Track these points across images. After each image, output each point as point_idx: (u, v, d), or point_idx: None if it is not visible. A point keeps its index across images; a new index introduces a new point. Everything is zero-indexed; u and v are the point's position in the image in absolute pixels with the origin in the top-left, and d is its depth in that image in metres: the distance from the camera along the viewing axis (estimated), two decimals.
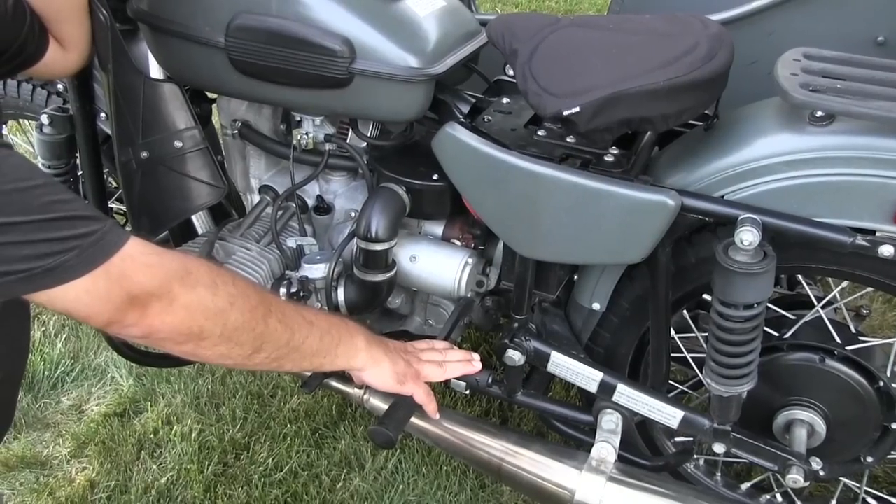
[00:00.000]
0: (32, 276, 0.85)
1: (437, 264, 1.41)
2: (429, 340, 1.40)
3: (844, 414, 1.35)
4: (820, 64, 1.19)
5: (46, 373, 2.07)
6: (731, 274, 1.13)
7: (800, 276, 1.43)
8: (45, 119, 1.67)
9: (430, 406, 1.34)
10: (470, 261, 1.42)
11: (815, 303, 1.36)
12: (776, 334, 1.38)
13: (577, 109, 1.11)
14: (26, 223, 0.84)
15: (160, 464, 1.82)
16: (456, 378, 1.40)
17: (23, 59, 1.24)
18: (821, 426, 1.36)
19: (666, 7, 2.01)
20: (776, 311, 1.42)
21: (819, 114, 1.12)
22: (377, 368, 1.27)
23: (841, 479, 1.48)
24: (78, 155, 1.66)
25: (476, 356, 1.39)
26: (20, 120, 2.10)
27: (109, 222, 0.92)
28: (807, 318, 1.37)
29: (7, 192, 0.83)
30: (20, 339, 1.19)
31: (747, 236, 1.12)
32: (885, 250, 1.11)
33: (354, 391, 1.57)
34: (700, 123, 1.30)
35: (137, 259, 0.94)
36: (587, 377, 1.37)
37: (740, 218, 1.14)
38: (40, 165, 1.72)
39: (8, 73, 1.32)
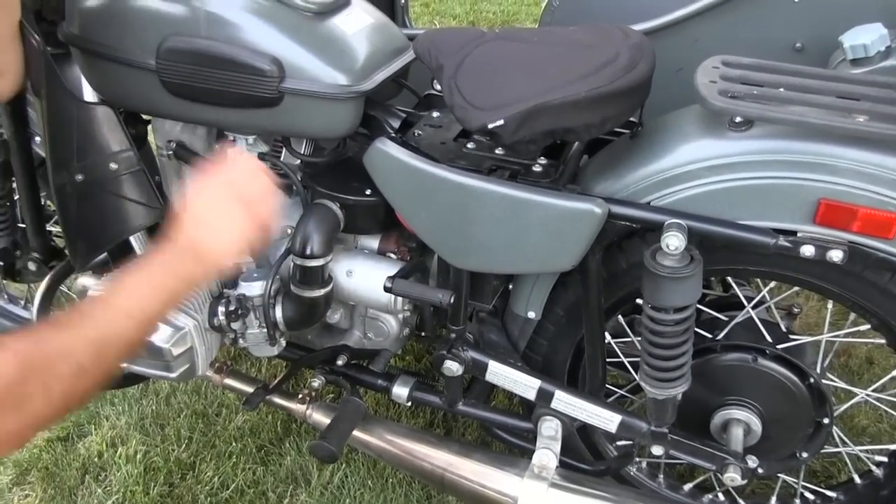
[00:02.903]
0: None
1: (373, 278, 1.42)
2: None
3: (779, 411, 1.39)
4: (738, 71, 1.22)
5: None
6: (659, 278, 1.16)
7: (730, 278, 1.46)
8: None
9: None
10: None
11: (745, 303, 1.40)
12: (710, 336, 1.41)
13: (501, 122, 1.13)
14: None
15: (105, 487, 1.79)
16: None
17: None
18: (756, 424, 1.39)
19: (594, 17, 2.06)
20: (710, 313, 1.46)
21: (738, 119, 1.15)
22: (221, 248, 1.05)
23: (779, 475, 1.52)
24: (14, 179, 1.65)
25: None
26: None
27: None
28: (738, 319, 1.40)
29: None
30: None
31: (673, 241, 1.15)
32: (807, 250, 1.15)
33: (297, 406, 1.57)
34: (627, 131, 1.33)
35: None
36: (525, 385, 1.38)
37: (666, 223, 1.17)
38: None
39: None
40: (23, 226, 1.70)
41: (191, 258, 1.03)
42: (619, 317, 1.46)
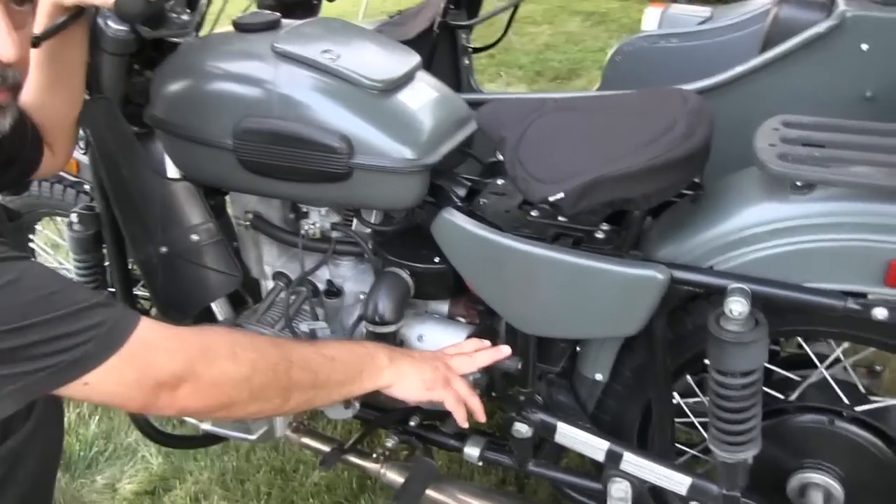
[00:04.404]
0: (59, 369, 0.92)
1: (443, 342, 1.44)
2: (456, 344, 1.41)
3: (862, 476, 1.35)
4: (798, 131, 1.22)
5: (82, 453, 2.13)
6: (724, 343, 1.16)
7: (799, 339, 1.44)
8: (74, 217, 1.75)
9: (460, 413, 1.33)
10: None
11: (818, 364, 1.37)
12: (781, 397, 1.39)
13: (561, 195, 1.16)
14: (48, 321, 0.91)
15: None
16: (486, 366, 1.37)
17: (25, 168, 1.36)
18: (837, 490, 1.35)
19: (655, 72, 2.08)
20: (781, 374, 1.43)
21: (799, 182, 1.16)
22: (404, 381, 1.30)
23: None
24: (104, 248, 1.75)
25: (506, 347, 1.37)
26: (53, 217, 2.22)
27: (119, 307, 0.99)
28: (810, 381, 1.38)
29: (32, 301, 0.91)
30: (56, 443, 1.25)
31: (736, 306, 1.15)
32: (879, 313, 1.13)
33: (371, 465, 1.61)
34: (691, 192, 1.34)
35: (158, 345, 1.01)
36: (593, 447, 1.39)
37: (729, 288, 1.17)
38: (72, 259, 1.81)
39: (12, 182, 1.41)
40: (112, 290, 1.79)
41: (385, 359, 1.29)
42: (689, 377, 1.46)
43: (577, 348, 1.44)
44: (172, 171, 1.52)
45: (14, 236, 1.16)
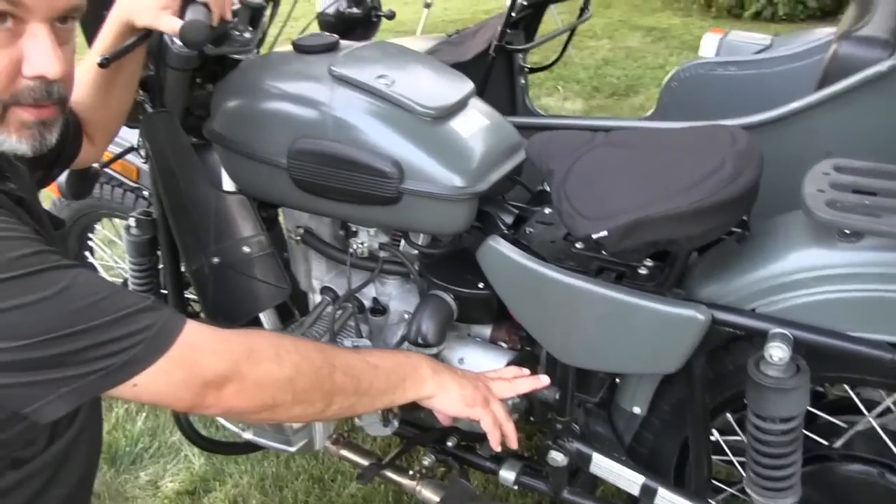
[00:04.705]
0: (109, 372, 0.96)
1: (484, 366, 1.45)
2: (497, 369, 1.42)
3: None
4: (850, 177, 1.20)
5: (127, 448, 2.21)
6: (763, 389, 1.15)
7: (845, 385, 1.41)
8: (132, 222, 1.82)
9: (495, 436, 1.32)
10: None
11: (865, 412, 1.34)
12: (825, 443, 1.37)
13: (605, 233, 1.17)
14: (97, 326, 0.94)
15: None
16: (525, 393, 1.38)
17: (66, 163, 1.41)
18: None
19: (709, 102, 2.06)
20: (826, 418, 1.40)
21: (847, 230, 1.14)
22: (445, 394, 1.30)
23: None
24: (159, 252, 1.81)
25: (545, 377, 1.38)
26: (112, 217, 2.30)
27: (166, 310, 1.02)
28: (857, 428, 1.35)
29: (82, 308, 0.94)
30: (97, 443, 1.30)
31: (777, 352, 1.14)
32: None
33: (408, 482, 1.63)
34: (738, 230, 1.33)
35: (204, 346, 1.04)
36: (628, 480, 1.40)
37: (770, 333, 1.16)
38: (128, 261, 1.87)
39: (52, 176, 1.44)
40: (164, 292, 1.85)
41: (429, 370, 1.29)
42: (728, 414, 1.45)
43: (617, 380, 1.45)
44: (228, 184, 1.57)
45: (61, 245, 1.20)
